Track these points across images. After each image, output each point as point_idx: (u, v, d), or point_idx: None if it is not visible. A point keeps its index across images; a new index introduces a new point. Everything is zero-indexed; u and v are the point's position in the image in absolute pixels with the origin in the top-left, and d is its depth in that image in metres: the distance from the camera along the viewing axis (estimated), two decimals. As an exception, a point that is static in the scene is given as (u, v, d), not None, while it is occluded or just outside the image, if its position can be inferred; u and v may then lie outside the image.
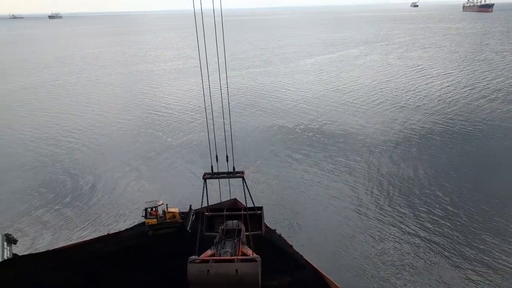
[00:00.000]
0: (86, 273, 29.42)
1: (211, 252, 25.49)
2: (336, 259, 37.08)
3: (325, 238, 40.66)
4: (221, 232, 26.99)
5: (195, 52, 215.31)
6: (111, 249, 32.84)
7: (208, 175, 26.83)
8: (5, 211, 49.60)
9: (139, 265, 30.00)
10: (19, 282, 28.87)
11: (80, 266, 30.75)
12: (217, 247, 25.83)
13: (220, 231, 27.12)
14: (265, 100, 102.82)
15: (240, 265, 23.25)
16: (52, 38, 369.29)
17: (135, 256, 31.41)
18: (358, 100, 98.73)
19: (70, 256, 32.11)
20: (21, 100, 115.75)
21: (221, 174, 27.19)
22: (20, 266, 31.78)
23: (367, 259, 36.94)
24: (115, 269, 29.62)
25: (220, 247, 25.74)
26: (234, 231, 26.81)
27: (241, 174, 26.73)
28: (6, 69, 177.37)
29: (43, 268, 30.64)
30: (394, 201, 48.44)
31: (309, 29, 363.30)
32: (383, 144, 67.77)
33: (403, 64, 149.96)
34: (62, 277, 28.98)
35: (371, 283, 33.32)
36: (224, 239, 26.49)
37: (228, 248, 25.66)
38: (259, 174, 58.05)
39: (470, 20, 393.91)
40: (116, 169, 62.39)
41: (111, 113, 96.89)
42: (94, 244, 33.99)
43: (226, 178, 26.90)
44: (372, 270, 35.32)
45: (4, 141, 79.26)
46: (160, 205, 35.88)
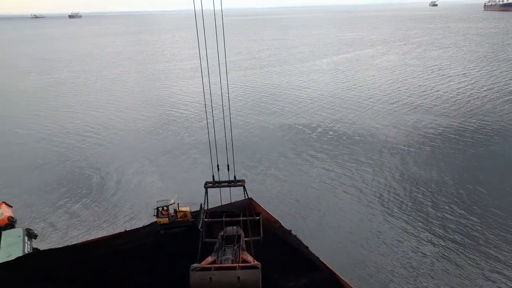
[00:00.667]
0: (101, 270, 29.92)
1: (211, 259, 25.83)
2: (353, 261, 36.92)
3: (342, 239, 40.57)
4: (220, 238, 26.99)
5: (210, 51, 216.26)
6: (128, 247, 33.25)
7: (210, 184, 27.32)
8: (27, 206, 51.09)
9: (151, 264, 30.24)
10: (39, 276, 29.67)
11: (97, 262, 31.32)
12: (217, 254, 26.04)
13: (219, 237, 27.11)
14: (281, 99, 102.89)
15: (242, 273, 23.70)
16: (72, 37, 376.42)
17: (149, 254, 31.76)
18: (375, 100, 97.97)
19: (88, 252, 32.78)
20: (44, 97, 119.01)
21: (222, 182, 27.67)
22: (40, 261, 32.65)
23: (384, 261, 36.75)
24: (128, 267, 29.99)
25: (221, 254, 25.94)
26: (234, 237, 26.86)
27: (242, 183, 27.11)
28: (29, 67, 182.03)
29: (62, 263, 31.40)
30: (414, 203, 48.01)
31: (325, 28, 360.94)
32: (402, 145, 67.21)
33: (420, 64, 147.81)
34: (80, 272, 29.64)
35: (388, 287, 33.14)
36: (224, 246, 26.57)
37: (228, 255, 25.89)
38: (276, 172, 58.38)
39: (491, 19, 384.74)
40: (136, 165, 63.62)
41: (130, 110, 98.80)
42: (112, 241, 34.55)
43: (227, 187, 27.31)
44: (390, 273, 35.14)
45: (29, 136, 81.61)
46: (172, 204, 36.17)
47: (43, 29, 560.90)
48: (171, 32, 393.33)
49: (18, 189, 56.50)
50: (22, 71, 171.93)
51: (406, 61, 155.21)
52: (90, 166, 64.30)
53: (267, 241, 29.26)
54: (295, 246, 30.16)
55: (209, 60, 32.10)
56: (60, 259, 32.13)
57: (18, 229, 40.04)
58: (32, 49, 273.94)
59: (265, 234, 29.31)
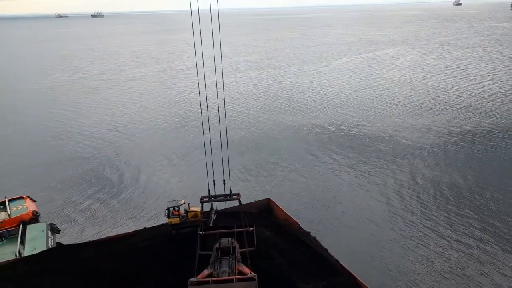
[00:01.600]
0: (120, 266, 30.34)
1: (208, 272, 25.87)
2: (374, 264, 36.41)
3: (362, 242, 40.10)
4: (215, 251, 26.95)
5: (229, 50, 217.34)
6: (144, 244, 33.49)
7: (206, 199, 27.33)
8: (50, 202, 52.42)
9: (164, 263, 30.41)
10: (61, 271, 30.35)
11: (116, 258, 31.76)
12: (213, 266, 26.05)
13: (214, 249, 27.08)
14: (300, 99, 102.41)
15: (239, 285, 24.04)
16: (95, 36, 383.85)
17: (162, 253, 31.93)
18: (396, 101, 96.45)
19: (107, 248, 33.34)
20: (68, 94, 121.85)
21: (218, 197, 27.73)
22: (63, 255, 33.38)
23: (407, 265, 36.17)
24: (145, 264, 30.31)
25: (217, 267, 25.94)
26: (229, 249, 26.80)
27: (237, 196, 27.00)
28: (53, 65, 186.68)
29: (83, 258, 32.05)
30: (438, 206, 47.09)
31: (344, 28, 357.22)
32: (424, 145, 66.08)
33: (443, 64, 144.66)
34: (101, 268, 30.19)
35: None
36: (220, 258, 26.50)
37: (225, 267, 25.90)
38: (296, 172, 58.24)
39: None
40: (157, 162, 64.47)
41: (152, 108, 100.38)
42: (131, 238, 34.99)
43: (223, 201, 27.29)
44: (413, 278, 34.52)
45: (54, 133, 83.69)
46: (182, 204, 35.99)
47: (66, 28, 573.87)
48: (191, 31, 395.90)
49: (43, 184, 58.02)
50: (47, 69, 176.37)
51: (428, 61, 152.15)
52: (113, 162, 65.50)
53: (287, 241, 29.14)
54: (314, 248, 29.85)
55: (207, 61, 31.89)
56: (81, 254, 32.79)
57: (42, 223, 40.94)
58: (57, 47, 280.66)
59: (284, 234, 29.24)
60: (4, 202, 44.81)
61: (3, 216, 41.45)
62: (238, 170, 59.94)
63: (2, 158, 69.88)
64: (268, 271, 27.24)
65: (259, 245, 29.67)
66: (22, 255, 34.39)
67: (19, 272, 29.75)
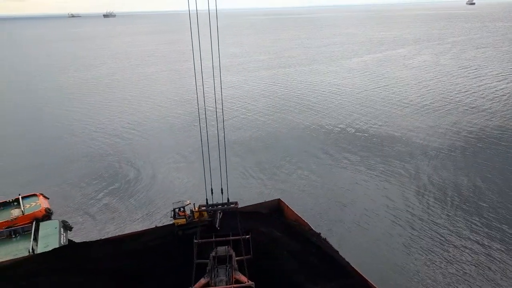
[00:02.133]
0: (128, 264, 30.53)
1: (204, 281, 25.81)
2: (387, 267, 36.05)
3: (375, 244, 39.68)
4: (212, 259, 26.99)
5: (239, 50, 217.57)
6: (154, 243, 33.63)
7: (203, 208, 27.26)
8: (64, 198, 53.05)
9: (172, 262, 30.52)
10: (73, 268, 30.70)
11: (127, 257, 32.00)
12: (210, 275, 26.03)
13: (211, 258, 27.12)
14: (310, 98, 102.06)
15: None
16: (107, 36, 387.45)
17: (173, 252, 32.05)
18: (408, 101, 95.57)
19: (119, 247, 33.61)
20: (82, 93, 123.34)
21: (216, 205, 27.60)
22: (75, 253, 33.75)
23: (421, 268, 35.74)
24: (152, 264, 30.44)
25: (214, 275, 25.91)
26: (225, 258, 26.85)
27: (235, 205, 26.81)
28: (67, 65, 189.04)
29: (94, 256, 32.37)
30: (453, 207, 46.54)
31: (355, 27, 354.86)
32: (438, 147, 65.39)
33: (456, 64, 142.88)
34: (111, 266, 30.43)
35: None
36: (216, 267, 26.43)
37: (222, 276, 25.79)
38: (307, 172, 58.05)
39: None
40: (170, 161, 64.85)
41: (164, 107, 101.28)
42: (141, 237, 35.20)
43: (221, 210, 27.12)
44: (427, 282, 34.10)
45: (68, 131, 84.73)
46: (188, 204, 35.85)
47: (79, 28, 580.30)
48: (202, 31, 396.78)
49: (55, 181, 58.77)
50: (61, 68, 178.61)
51: (440, 61, 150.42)
52: (127, 160, 66.05)
53: (298, 242, 29.06)
54: (325, 249, 29.66)
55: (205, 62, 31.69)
56: (91, 253, 33.10)
57: (55, 220, 41.46)
58: (70, 47, 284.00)
59: (295, 235, 29.14)
60: (18, 199, 45.58)
61: (17, 213, 42.15)
62: (249, 169, 60.03)
63: (16, 156, 70.99)
64: (278, 271, 27.21)
65: (268, 245, 29.66)
66: (35, 251, 34.90)
67: (32, 269, 30.16)
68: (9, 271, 30.04)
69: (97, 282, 28.62)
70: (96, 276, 29.50)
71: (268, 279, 26.36)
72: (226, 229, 30.90)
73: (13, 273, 29.57)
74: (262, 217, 35.13)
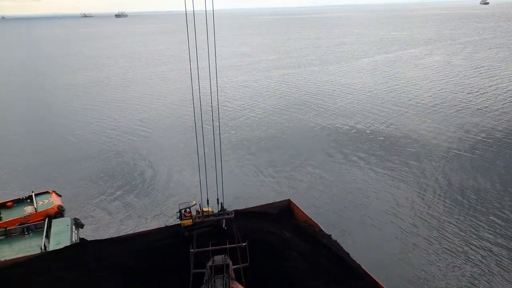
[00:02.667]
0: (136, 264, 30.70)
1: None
2: (399, 271, 35.60)
3: (386, 246, 39.24)
4: (209, 269, 26.92)
5: (250, 50, 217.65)
6: (164, 243, 33.74)
7: (198, 219, 27.10)
8: (76, 196, 53.61)
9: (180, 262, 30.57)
10: (83, 267, 30.99)
11: (134, 256, 32.14)
12: (207, 285, 26.02)
13: (207, 268, 27.00)
14: (322, 99, 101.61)
15: None
16: (119, 36, 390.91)
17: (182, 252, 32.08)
18: (419, 102, 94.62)
19: (131, 245, 33.87)
20: (95, 92, 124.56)
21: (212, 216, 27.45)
22: (86, 251, 34.09)
23: (434, 271, 35.27)
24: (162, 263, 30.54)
25: (211, 286, 25.83)
26: (222, 267, 26.73)
27: (230, 215, 26.59)
28: (81, 64, 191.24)
29: (105, 254, 32.64)
30: (466, 211, 45.78)
31: (367, 27, 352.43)
32: (450, 149, 64.43)
33: (468, 65, 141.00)
34: (121, 265, 30.65)
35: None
36: (213, 277, 26.34)
37: (219, 286, 25.58)
38: (319, 173, 57.74)
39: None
40: (181, 160, 65.05)
41: (176, 105, 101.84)
42: (151, 236, 35.43)
43: (217, 219, 26.89)
44: (440, 285, 33.74)
45: (80, 129, 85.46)
46: (194, 205, 35.97)
47: (92, 28, 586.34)
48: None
49: (68, 179, 59.41)
50: (75, 67, 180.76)
51: (452, 62, 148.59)
52: (138, 159, 66.40)
53: (308, 243, 28.95)
54: (335, 251, 29.44)
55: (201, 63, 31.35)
56: (102, 251, 33.37)
57: (67, 218, 42.00)
58: (83, 46, 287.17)
59: (305, 236, 29.00)
60: (31, 196, 46.29)
61: (30, 209, 42.81)
62: (259, 168, 60.01)
63: (30, 153, 71.97)
64: (288, 272, 27.12)
65: (277, 245, 29.60)
66: (47, 248, 35.34)
67: (44, 266, 30.54)
68: (22, 267, 30.46)
69: (108, 280, 28.85)
70: (107, 275, 29.76)
71: (278, 280, 26.32)
72: (232, 230, 30.95)
73: (26, 270, 29.97)
74: (272, 218, 35.09)
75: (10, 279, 29.00)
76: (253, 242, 30.06)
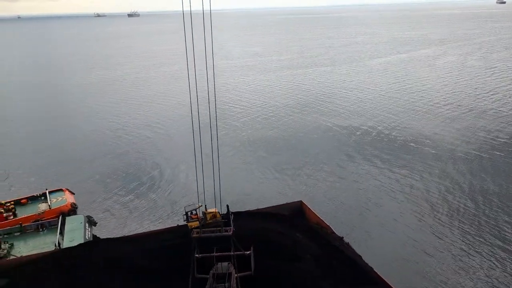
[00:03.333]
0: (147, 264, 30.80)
1: None
2: (412, 275, 35.09)
3: (400, 250, 38.70)
4: (211, 277, 26.64)
5: (263, 49, 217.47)
6: (175, 242, 33.82)
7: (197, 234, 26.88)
8: (89, 194, 54.22)
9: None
10: (96, 265, 31.23)
11: (145, 255, 32.27)
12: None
13: (210, 275, 26.65)
14: (334, 99, 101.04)
15: None
16: (134, 35, 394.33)
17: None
18: (433, 103, 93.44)
19: (142, 244, 34.02)
20: (110, 90, 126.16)
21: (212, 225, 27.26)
22: (99, 249, 34.38)
23: (449, 276, 34.70)
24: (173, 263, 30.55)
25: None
26: (225, 275, 26.29)
27: (229, 231, 26.33)
28: (95, 63, 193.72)
29: (118, 253, 32.84)
30: (483, 215, 44.93)
31: (381, 27, 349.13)
32: (466, 152, 63.37)
33: (483, 65, 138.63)
34: (133, 264, 30.80)
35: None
36: (215, 285, 26.17)
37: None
38: (331, 174, 57.39)
39: None
40: (191, 161, 65.15)
41: (189, 105, 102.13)
42: (164, 235, 35.53)
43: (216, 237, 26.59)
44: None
45: (94, 127, 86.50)
46: (199, 207, 35.73)
47: (105, 27, 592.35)
48: (227, 31, 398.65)
49: (81, 177, 60.14)
50: (87, 66, 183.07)
51: (467, 63, 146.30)
52: (152, 158, 66.81)
53: (319, 246, 28.71)
54: (347, 254, 29.12)
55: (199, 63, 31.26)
56: (115, 250, 33.58)
57: (80, 215, 42.45)
58: (97, 46, 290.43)
59: (317, 238, 28.69)
60: (45, 193, 46.93)
61: (44, 207, 43.37)
62: (271, 169, 59.87)
63: (44, 151, 73.05)
64: (299, 275, 26.94)
65: (289, 247, 29.39)
66: (61, 245, 35.79)
67: (57, 264, 30.87)
68: (37, 264, 30.85)
69: (121, 279, 29.04)
70: (118, 273, 29.95)
71: (289, 282, 26.15)
72: (243, 229, 30.91)
73: (41, 267, 30.35)
74: (284, 219, 34.89)
75: (26, 276, 29.40)
76: (264, 243, 29.97)
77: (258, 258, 27.73)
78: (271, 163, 62.13)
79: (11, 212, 42.17)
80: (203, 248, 27.86)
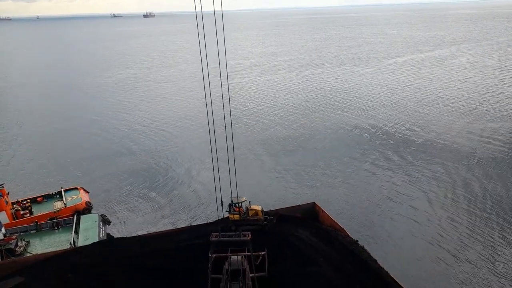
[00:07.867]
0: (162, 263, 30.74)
1: None
2: (427, 278, 34.39)
3: (416, 253, 37.98)
4: (225, 272, 26.32)
5: (280, 49, 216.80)
6: (189, 243, 33.67)
7: (215, 238, 26.60)
8: (103, 194, 54.68)
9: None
10: (110, 264, 31.34)
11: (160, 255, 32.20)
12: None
13: (224, 271, 26.35)
14: (350, 99, 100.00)
15: None
16: (149, 35, 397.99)
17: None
18: (451, 105, 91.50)
19: (156, 244, 34.01)
20: (127, 89, 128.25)
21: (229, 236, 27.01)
22: (113, 248, 34.51)
23: (464, 279, 33.96)
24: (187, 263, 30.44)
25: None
26: (239, 271, 26.10)
27: (247, 237, 25.96)
28: (112, 62, 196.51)
29: (131, 253, 32.91)
30: (500, 219, 43.87)
31: (399, 27, 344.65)
32: (482, 154, 62.04)
33: (503, 66, 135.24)
34: (146, 264, 30.80)
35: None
36: (230, 281, 25.69)
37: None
38: (346, 176, 56.80)
39: None
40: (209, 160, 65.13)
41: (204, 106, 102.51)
42: (179, 235, 35.43)
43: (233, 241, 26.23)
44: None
45: (109, 126, 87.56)
46: (244, 201, 36.00)
47: (121, 27, 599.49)
48: (242, 31, 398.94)
49: (95, 176, 60.72)
50: (106, 65, 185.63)
51: (487, 63, 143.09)
52: (167, 158, 66.95)
53: (333, 249, 28.25)
54: (362, 257, 28.54)
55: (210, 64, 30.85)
56: (128, 249, 33.64)
57: (94, 214, 42.79)
58: (114, 45, 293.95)
59: (331, 241, 28.18)
60: (60, 192, 47.46)
61: (60, 205, 43.84)
62: (284, 170, 59.42)
63: (60, 150, 74.02)
64: (313, 277, 26.52)
65: (302, 250, 28.97)
66: (76, 244, 36.08)
67: (72, 263, 31.05)
68: (53, 262, 31.10)
69: (134, 279, 29.08)
70: (132, 272, 30.00)
71: (302, 285, 25.77)
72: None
73: (56, 265, 30.58)
74: (297, 221, 34.48)
75: (42, 274, 29.66)
76: (278, 245, 29.63)
77: (271, 260, 27.43)
78: (284, 163, 61.65)
79: (28, 210, 42.81)
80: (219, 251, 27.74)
